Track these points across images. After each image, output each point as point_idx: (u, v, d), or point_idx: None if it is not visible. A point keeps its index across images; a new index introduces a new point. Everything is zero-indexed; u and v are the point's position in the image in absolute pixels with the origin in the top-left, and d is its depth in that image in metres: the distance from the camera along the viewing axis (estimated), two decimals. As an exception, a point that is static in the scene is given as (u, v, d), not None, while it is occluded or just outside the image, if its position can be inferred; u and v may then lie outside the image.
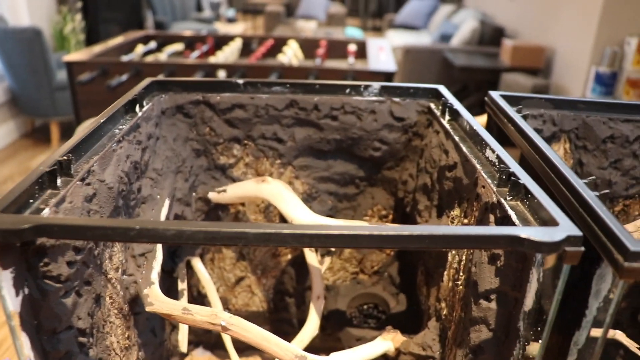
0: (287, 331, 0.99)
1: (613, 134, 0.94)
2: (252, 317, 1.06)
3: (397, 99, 0.92)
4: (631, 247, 0.49)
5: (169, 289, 0.96)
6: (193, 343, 1.12)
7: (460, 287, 0.70)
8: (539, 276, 0.54)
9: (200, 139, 0.94)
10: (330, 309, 1.00)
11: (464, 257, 0.70)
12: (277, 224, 0.58)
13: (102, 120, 0.74)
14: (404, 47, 4.13)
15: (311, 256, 0.91)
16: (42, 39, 2.96)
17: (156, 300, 0.72)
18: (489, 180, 0.64)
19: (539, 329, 0.56)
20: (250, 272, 1.01)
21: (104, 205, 0.67)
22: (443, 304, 0.78)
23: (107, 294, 0.72)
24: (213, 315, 0.67)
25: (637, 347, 0.95)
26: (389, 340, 0.84)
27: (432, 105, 0.90)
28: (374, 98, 0.92)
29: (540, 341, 0.56)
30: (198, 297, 1.04)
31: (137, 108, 0.84)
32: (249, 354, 1.11)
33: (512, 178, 0.60)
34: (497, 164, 0.65)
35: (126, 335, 0.78)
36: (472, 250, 0.66)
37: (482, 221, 0.64)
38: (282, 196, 0.84)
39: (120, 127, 0.77)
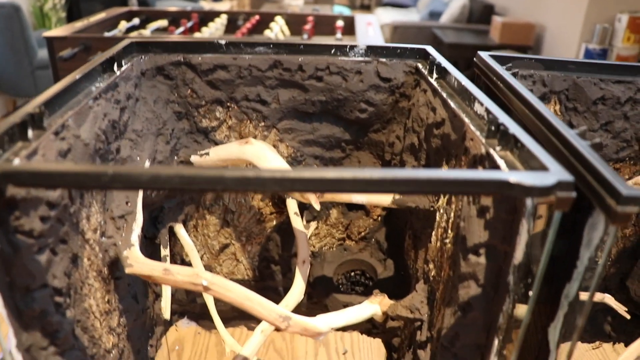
0: (273, 299, 0.97)
1: (604, 95, 0.92)
2: (237, 285, 1.04)
3: (383, 60, 0.90)
4: (624, 192, 0.47)
5: (152, 256, 0.94)
6: (177, 313, 1.10)
7: (449, 245, 0.69)
8: (530, 227, 0.53)
9: (182, 101, 0.91)
10: (317, 276, 0.98)
11: (452, 214, 0.69)
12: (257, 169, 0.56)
13: (77, 77, 0.71)
14: (392, 24, 4.10)
15: (296, 220, 0.89)
16: (22, 15, 2.90)
17: (136, 262, 0.70)
18: (478, 133, 0.62)
19: (530, 281, 0.55)
20: (234, 239, 0.99)
21: (79, 162, 0.65)
22: (431, 265, 0.77)
23: (84, 255, 0.69)
24: (194, 275, 0.65)
25: (625, 311, 0.94)
26: (376, 304, 0.82)
27: (420, 65, 0.88)
28: (360, 58, 0.90)
29: (530, 294, 0.55)
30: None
31: (115, 67, 0.81)
32: (235, 324, 1.10)
33: (501, 128, 0.58)
34: (485, 116, 0.63)
35: (106, 299, 0.76)
36: (460, 206, 0.65)
37: (470, 174, 0.62)
38: (265, 157, 0.81)
39: (97, 84, 0.74)
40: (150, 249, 0.93)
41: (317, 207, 0.74)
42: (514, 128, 0.58)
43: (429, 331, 0.76)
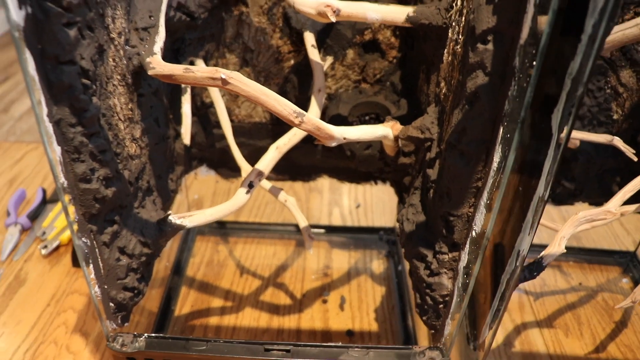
0: (289, 138, 1.00)
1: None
2: (255, 128, 1.07)
3: None
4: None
5: (172, 90, 0.98)
6: (197, 159, 1.14)
7: (460, 49, 0.71)
8: (537, 1, 0.54)
9: None
10: (332, 115, 1.01)
11: (463, 20, 0.70)
12: None
13: None
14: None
15: (313, 52, 0.91)
16: None
17: (158, 65, 0.73)
18: None
19: (534, 62, 0.57)
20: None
21: None
22: (442, 84, 0.79)
23: (110, 54, 0.73)
24: (213, 70, 0.68)
25: (633, 153, 0.96)
26: (388, 128, 0.85)
27: None
28: None
29: (531, 77, 0.57)
30: (202, 107, 1.05)
31: None
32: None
33: None
34: None
35: (129, 107, 0.80)
36: (471, 6, 0.66)
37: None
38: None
39: None
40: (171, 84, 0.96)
41: (334, 19, 0.76)
42: None
43: (438, 147, 0.79)
